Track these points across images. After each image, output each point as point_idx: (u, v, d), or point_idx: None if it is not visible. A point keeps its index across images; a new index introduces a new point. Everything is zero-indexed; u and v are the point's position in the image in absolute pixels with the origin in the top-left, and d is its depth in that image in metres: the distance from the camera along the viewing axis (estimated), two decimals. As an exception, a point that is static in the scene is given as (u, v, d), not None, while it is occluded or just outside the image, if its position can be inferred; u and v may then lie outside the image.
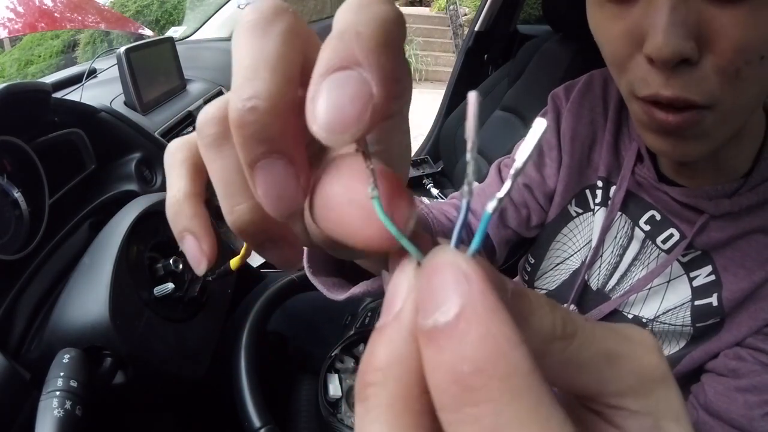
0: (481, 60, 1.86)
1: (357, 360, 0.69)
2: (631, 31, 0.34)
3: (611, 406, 0.13)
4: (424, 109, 4.99)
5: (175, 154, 0.21)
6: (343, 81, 0.13)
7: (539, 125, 0.11)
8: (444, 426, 0.09)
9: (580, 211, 0.55)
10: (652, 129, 0.39)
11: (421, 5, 8.48)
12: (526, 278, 0.62)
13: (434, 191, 1.68)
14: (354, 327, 0.67)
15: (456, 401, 0.09)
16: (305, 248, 0.21)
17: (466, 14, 6.56)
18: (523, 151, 0.11)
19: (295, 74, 0.15)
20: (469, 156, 0.12)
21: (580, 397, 0.14)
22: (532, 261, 0.61)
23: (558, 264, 0.57)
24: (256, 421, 0.52)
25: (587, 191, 0.55)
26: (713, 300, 0.46)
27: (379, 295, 0.27)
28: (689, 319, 0.47)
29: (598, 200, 0.53)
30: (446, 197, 1.64)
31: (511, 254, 0.69)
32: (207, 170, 0.18)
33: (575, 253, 0.56)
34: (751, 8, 0.31)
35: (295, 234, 0.19)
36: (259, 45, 0.15)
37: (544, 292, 0.59)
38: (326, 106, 0.13)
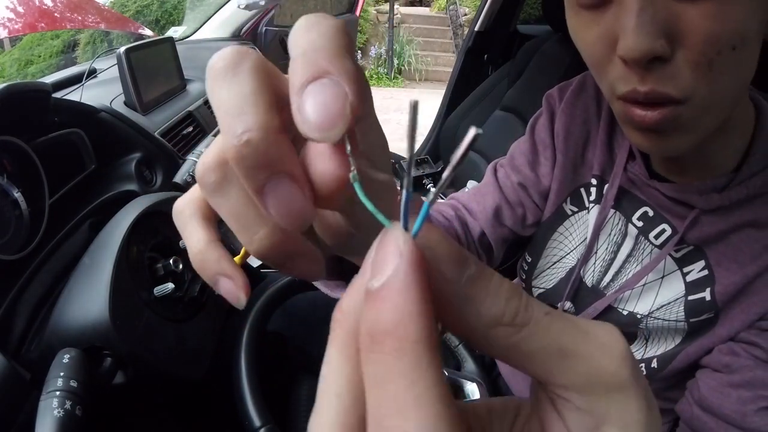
0: (481, 60, 1.86)
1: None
2: (606, 35, 0.36)
3: (557, 395, 0.14)
4: (424, 109, 5.00)
5: (183, 212, 0.22)
6: (321, 87, 0.15)
7: (471, 132, 0.12)
8: (361, 360, 0.13)
9: (576, 209, 0.56)
10: (633, 127, 0.39)
11: (421, 5, 8.48)
12: (524, 277, 0.62)
13: (434, 191, 1.68)
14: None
15: (366, 346, 0.12)
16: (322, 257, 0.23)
17: (466, 14, 6.56)
18: (455, 155, 0.13)
19: (273, 101, 0.17)
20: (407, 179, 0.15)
21: (533, 378, 0.15)
22: (529, 259, 0.61)
23: (555, 263, 0.58)
24: (256, 421, 0.52)
25: (582, 190, 0.55)
26: (706, 294, 0.46)
27: None
28: (683, 314, 0.48)
29: (592, 198, 0.54)
30: (446, 197, 1.64)
31: (511, 254, 0.69)
32: (216, 214, 0.20)
33: (571, 251, 0.57)
34: (719, 0, 0.32)
35: (313, 247, 0.21)
36: (234, 86, 0.16)
37: (542, 291, 0.59)
38: (313, 109, 0.15)
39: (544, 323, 0.14)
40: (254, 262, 1.23)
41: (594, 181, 0.54)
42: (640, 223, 0.50)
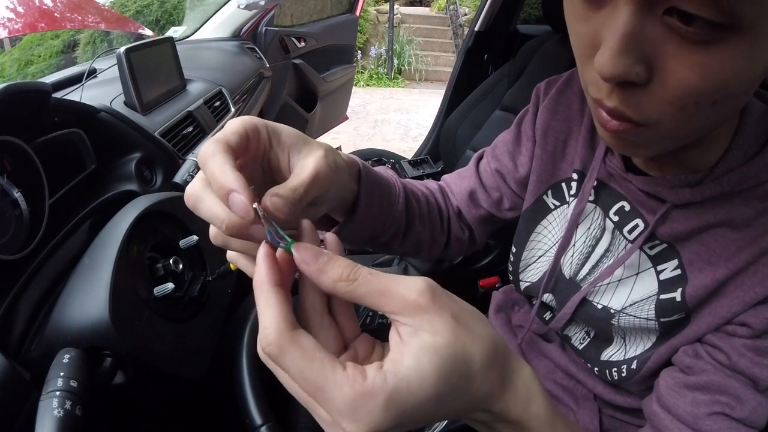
0: (481, 60, 1.86)
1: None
2: (591, 36, 0.33)
3: (392, 318, 0.25)
4: (424, 109, 5.00)
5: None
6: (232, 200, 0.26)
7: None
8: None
9: (558, 203, 0.57)
10: (600, 125, 0.38)
11: (421, 5, 8.48)
12: (511, 269, 0.63)
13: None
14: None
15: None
16: None
17: (466, 14, 6.56)
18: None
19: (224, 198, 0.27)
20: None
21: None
22: (514, 250, 0.62)
23: (540, 257, 0.59)
24: (257, 419, 0.52)
25: (563, 184, 0.56)
26: (677, 295, 0.45)
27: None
28: (653, 313, 0.47)
29: (572, 192, 0.55)
30: (446, 197, 1.64)
31: (506, 257, 0.70)
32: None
33: (554, 245, 0.57)
34: (713, 53, 0.29)
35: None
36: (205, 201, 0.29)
37: (528, 284, 0.60)
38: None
39: (367, 278, 0.25)
40: (254, 262, 1.23)
41: (575, 176, 0.55)
42: (616, 218, 0.50)
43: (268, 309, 0.24)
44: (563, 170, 0.56)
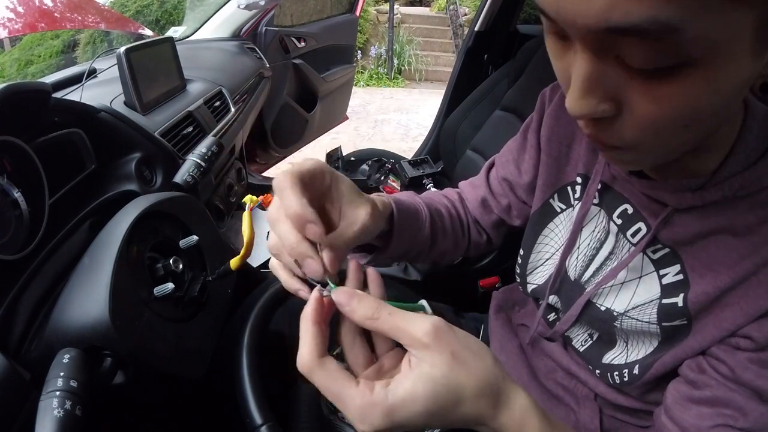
0: (481, 60, 1.86)
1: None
2: (565, 72, 0.34)
3: (406, 347, 0.32)
4: (424, 109, 4.99)
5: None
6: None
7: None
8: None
9: (564, 207, 0.58)
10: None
11: (421, 5, 8.48)
12: (518, 272, 0.64)
13: (434, 191, 1.68)
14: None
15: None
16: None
17: (466, 14, 6.56)
18: None
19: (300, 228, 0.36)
20: None
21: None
22: (522, 252, 0.63)
23: (547, 260, 0.60)
24: (258, 419, 0.52)
25: (569, 188, 0.57)
26: (679, 300, 0.45)
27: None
28: (655, 317, 0.47)
29: (577, 195, 0.56)
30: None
31: (506, 257, 0.70)
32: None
33: (560, 247, 0.58)
34: (674, 86, 0.29)
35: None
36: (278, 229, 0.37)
37: (535, 286, 0.61)
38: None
39: (387, 317, 0.32)
40: (254, 262, 1.23)
41: (579, 179, 0.55)
42: (619, 221, 0.51)
43: (305, 339, 0.33)
44: (568, 174, 0.57)
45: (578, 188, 0.55)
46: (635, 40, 0.27)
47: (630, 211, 0.49)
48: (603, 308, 0.52)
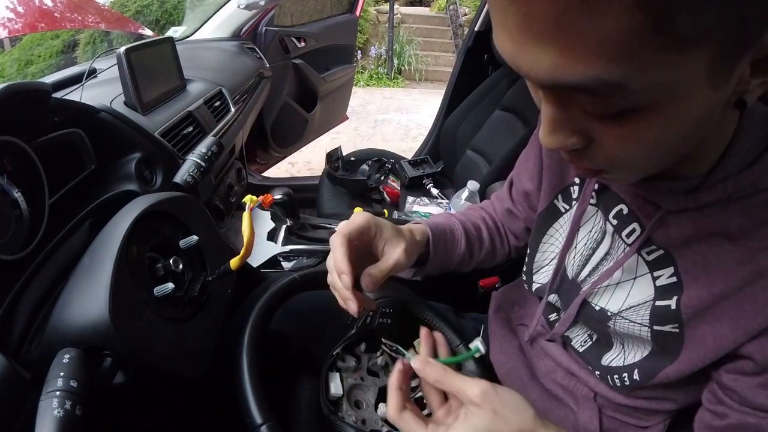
0: (481, 60, 1.86)
1: (358, 359, 0.69)
2: (539, 103, 0.36)
3: (461, 402, 0.44)
4: (424, 109, 4.99)
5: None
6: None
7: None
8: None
9: (567, 207, 0.59)
10: None
11: (421, 5, 8.48)
12: (525, 270, 0.65)
13: (434, 191, 1.68)
14: (355, 326, 0.67)
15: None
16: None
17: (466, 14, 6.56)
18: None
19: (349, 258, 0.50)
20: None
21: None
22: (529, 251, 0.65)
23: (552, 259, 0.60)
24: (258, 418, 0.52)
25: (570, 188, 0.58)
26: (672, 303, 0.45)
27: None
28: (647, 319, 0.48)
29: (575, 195, 0.57)
30: (446, 197, 1.64)
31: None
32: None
33: (562, 248, 0.59)
34: (634, 126, 0.31)
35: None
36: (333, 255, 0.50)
37: (539, 285, 0.62)
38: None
39: (449, 380, 0.44)
40: (254, 262, 1.23)
41: (577, 180, 0.56)
42: (615, 221, 0.51)
43: (392, 399, 0.46)
44: (570, 175, 0.58)
45: (577, 188, 0.56)
46: (585, 94, 0.29)
47: (625, 211, 0.49)
48: (597, 308, 0.52)
